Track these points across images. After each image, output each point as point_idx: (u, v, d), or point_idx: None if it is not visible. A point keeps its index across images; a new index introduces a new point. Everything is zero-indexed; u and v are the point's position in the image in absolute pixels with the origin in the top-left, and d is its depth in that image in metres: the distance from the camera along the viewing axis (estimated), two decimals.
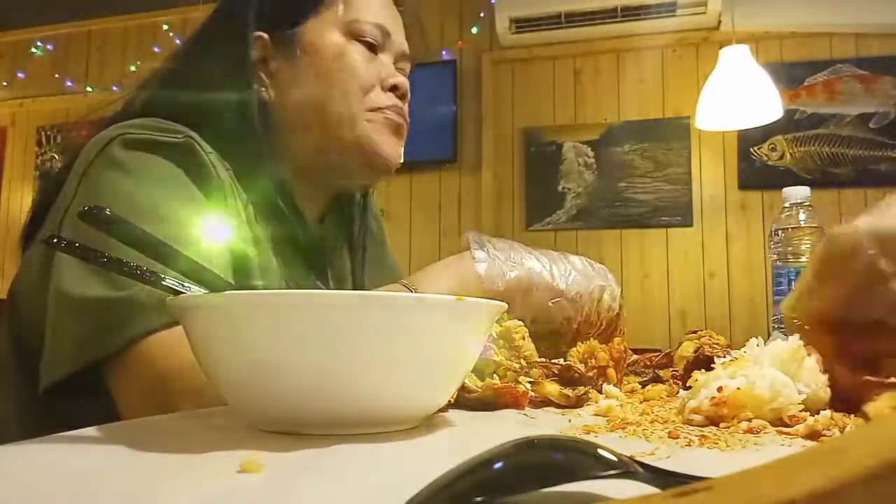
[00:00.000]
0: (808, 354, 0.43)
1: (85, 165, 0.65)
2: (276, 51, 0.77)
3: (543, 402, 0.51)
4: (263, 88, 0.76)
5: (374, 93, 0.77)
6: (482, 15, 3.24)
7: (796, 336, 0.44)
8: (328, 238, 0.87)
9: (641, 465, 0.22)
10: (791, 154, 2.90)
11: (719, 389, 0.41)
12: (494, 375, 0.51)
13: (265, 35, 0.77)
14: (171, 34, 3.71)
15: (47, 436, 0.35)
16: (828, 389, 0.42)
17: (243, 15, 0.77)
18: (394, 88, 0.79)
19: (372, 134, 0.77)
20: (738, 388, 0.41)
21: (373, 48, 0.79)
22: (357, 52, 0.77)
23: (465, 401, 0.48)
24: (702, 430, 0.39)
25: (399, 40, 0.82)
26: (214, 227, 0.65)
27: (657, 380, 0.62)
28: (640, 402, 0.51)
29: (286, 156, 0.77)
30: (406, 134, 0.81)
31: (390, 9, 0.82)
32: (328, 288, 0.81)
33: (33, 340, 0.60)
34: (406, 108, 0.81)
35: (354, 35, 0.77)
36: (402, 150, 0.81)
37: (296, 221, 0.76)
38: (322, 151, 0.78)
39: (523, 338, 0.54)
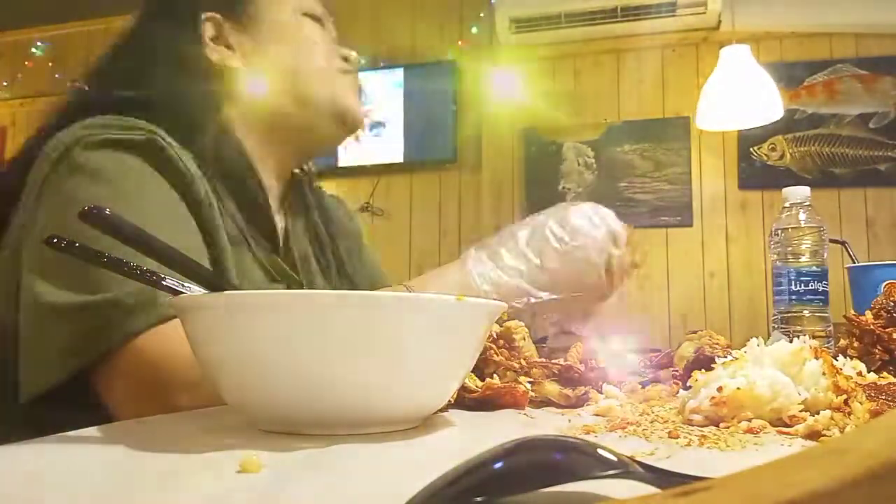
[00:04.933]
0: (813, 357, 0.43)
1: (43, 175, 0.62)
2: (232, 27, 0.80)
3: (543, 402, 0.51)
4: (229, 58, 0.79)
5: (337, 60, 0.85)
6: (482, 15, 3.23)
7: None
8: (291, 224, 0.87)
9: (641, 465, 0.22)
10: (791, 154, 2.89)
11: (719, 389, 0.41)
12: (494, 375, 0.51)
13: (217, 14, 0.79)
14: None
15: (47, 436, 0.35)
16: (828, 392, 0.42)
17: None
18: (346, 59, 0.87)
19: (345, 92, 0.84)
20: (738, 388, 0.41)
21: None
22: (313, 26, 0.84)
23: (465, 401, 0.48)
24: (702, 430, 0.39)
25: (331, 27, 0.89)
26: (190, 222, 0.65)
27: (657, 380, 0.62)
28: (640, 402, 0.51)
29: (250, 124, 0.79)
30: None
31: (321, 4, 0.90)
32: (296, 272, 0.81)
33: None
34: None
35: (304, 13, 0.84)
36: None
37: (258, 195, 0.77)
38: (295, 110, 0.81)
39: (524, 338, 0.54)
